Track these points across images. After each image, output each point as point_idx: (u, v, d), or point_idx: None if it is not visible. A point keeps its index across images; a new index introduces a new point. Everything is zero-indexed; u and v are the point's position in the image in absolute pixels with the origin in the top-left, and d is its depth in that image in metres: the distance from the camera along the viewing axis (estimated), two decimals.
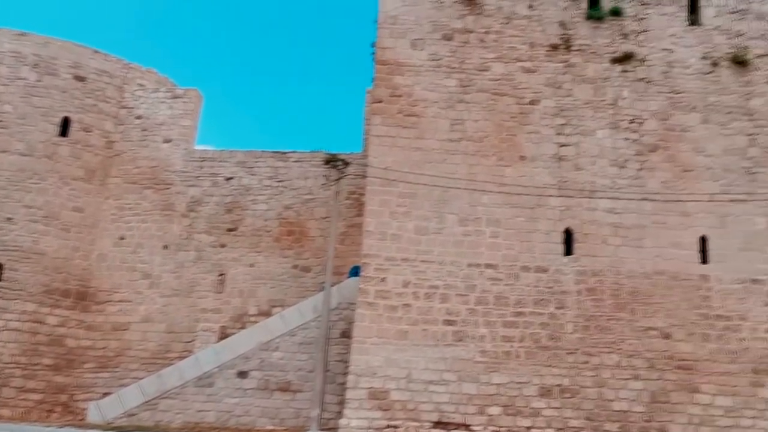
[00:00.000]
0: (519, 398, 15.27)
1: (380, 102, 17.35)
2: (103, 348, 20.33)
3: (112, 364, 20.14)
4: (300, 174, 21.40)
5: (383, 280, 16.03)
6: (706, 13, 18.66)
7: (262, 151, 22.01)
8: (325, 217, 20.82)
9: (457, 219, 16.60)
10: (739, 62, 18.15)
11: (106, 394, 19.10)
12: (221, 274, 20.80)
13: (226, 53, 61.17)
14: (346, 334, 17.02)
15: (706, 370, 15.71)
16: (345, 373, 16.06)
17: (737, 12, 18.65)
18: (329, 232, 18.80)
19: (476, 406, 15.17)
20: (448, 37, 17.83)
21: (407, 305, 15.90)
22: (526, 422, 15.06)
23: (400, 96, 17.40)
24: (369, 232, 16.41)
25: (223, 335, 19.68)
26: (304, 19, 62.58)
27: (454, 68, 17.63)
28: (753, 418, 15.30)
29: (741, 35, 18.45)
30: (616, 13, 18.42)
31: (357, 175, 19.11)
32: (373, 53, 18.00)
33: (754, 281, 16.53)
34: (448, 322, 15.83)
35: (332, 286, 17.95)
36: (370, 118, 18.57)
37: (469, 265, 16.27)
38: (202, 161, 22.05)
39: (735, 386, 15.58)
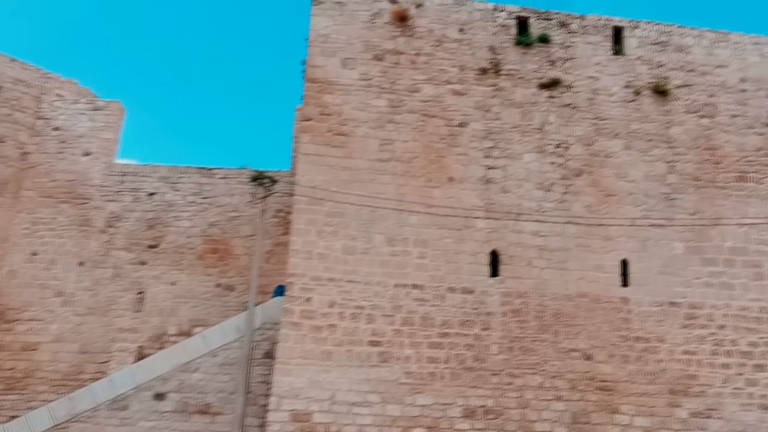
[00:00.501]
0: (443, 420, 15.48)
1: (309, 120, 17.51)
2: (11, 369, 19.57)
3: (20, 385, 19.41)
4: (226, 191, 21.27)
5: (308, 299, 16.07)
6: (630, 43, 19.62)
7: (187, 167, 21.79)
8: (251, 235, 20.72)
9: (384, 239, 16.82)
10: (660, 92, 19.14)
11: (12, 418, 18.36)
12: (140, 293, 20.39)
13: (151, 66, 60.31)
14: (270, 355, 16.94)
15: (626, 391, 16.32)
16: (267, 395, 15.97)
17: (658, 43, 19.69)
18: (255, 250, 18.76)
19: (400, 428, 15.29)
20: (379, 58, 18.18)
21: (332, 326, 15.97)
22: None
23: (329, 115, 17.60)
24: (295, 250, 16.45)
25: (141, 356, 19.25)
26: (233, 34, 62.41)
27: (384, 88, 17.96)
28: None
29: (662, 66, 19.48)
30: (543, 40, 19.17)
31: (284, 193, 19.16)
32: (304, 71, 18.20)
33: (672, 304, 17.32)
34: (374, 343, 15.96)
35: (257, 305, 17.87)
36: (299, 136, 18.68)
37: (396, 286, 16.49)
38: (123, 176, 21.66)
39: (653, 407, 16.22)
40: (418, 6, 18.72)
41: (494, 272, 17.05)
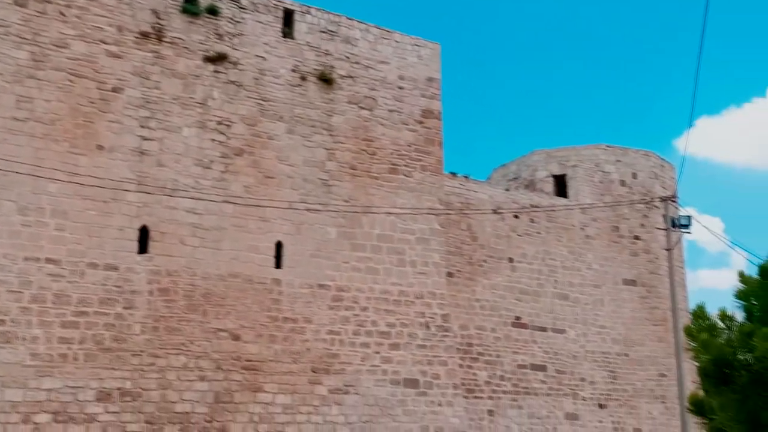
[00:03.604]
0: (72, 404, 15.51)
1: None
2: None
3: None
4: None
5: None
6: (300, 28, 21.36)
7: None
8: None
9: (15, 207, 16.26)
10: (325, 80, 21.15)
11: None
12: None
13: None
14: None
15: (270, 371, 17.89)
16: None
17: (327, 32, 21.73)
18: None
19: (20, 414, 14.96)
20: (20, 4, 17.40)
21: None
22: (79, 429, 15.34)
23: None
24: None
25: None
26: None
27: (26, 39, 17.29)
28: (308, 413, 17.87)
29: (329, 54, 21.53)
30: (212, 11, 19.98)
31: None
32: None
33: (321, 286, 19.37)
34: None
35: None
36: None
37: (26, 259, 16.07)
38: None
39: (295, 385, 18.02)
40: None
41: (143, 249, 17.49)
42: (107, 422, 15.68)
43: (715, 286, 75.69)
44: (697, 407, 4.40)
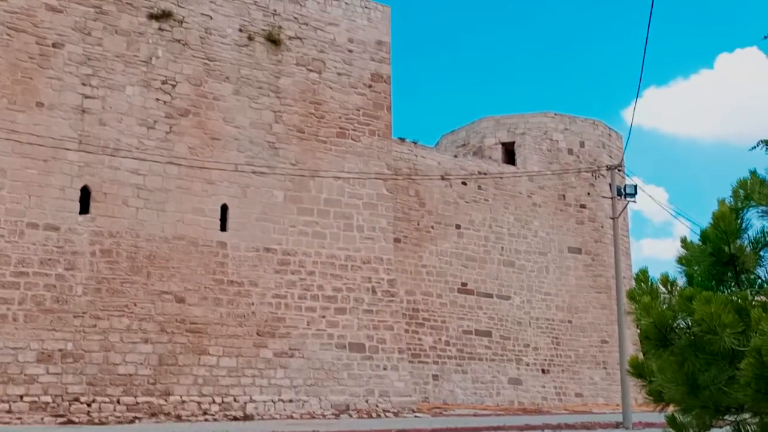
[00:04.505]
0: (12, 365, 15.31)
1: None
2: None
3: None
4: None
5: None
6: None
7: None
8: None
9: None
10: (273, 41, 20.91)
11: None
12: None
13: None
14: None
15: (215, 333, 17.91)
16: None
17: None
18: None
19: None
20: None
21: None
22: (19, 390, 15.21)
23: None
24: None
25: None
26: None
27: None
28: (253, 377, 18.00)
29: (277, 15, 21.26)
30: None
31: None
32: None
33: (267, 249, 19.37)
34: None
35: None
36: None
37: None
38: None
39: (240, 348, 18.09)
40: None
41: (85, 209, 17.21)
42: (48, 383, 15.54)
43: (658, 255, 77.99)
44: (637, 370, 4.62)
